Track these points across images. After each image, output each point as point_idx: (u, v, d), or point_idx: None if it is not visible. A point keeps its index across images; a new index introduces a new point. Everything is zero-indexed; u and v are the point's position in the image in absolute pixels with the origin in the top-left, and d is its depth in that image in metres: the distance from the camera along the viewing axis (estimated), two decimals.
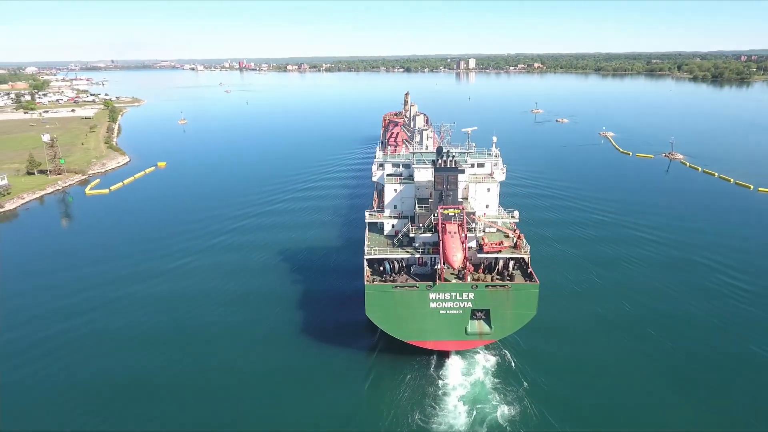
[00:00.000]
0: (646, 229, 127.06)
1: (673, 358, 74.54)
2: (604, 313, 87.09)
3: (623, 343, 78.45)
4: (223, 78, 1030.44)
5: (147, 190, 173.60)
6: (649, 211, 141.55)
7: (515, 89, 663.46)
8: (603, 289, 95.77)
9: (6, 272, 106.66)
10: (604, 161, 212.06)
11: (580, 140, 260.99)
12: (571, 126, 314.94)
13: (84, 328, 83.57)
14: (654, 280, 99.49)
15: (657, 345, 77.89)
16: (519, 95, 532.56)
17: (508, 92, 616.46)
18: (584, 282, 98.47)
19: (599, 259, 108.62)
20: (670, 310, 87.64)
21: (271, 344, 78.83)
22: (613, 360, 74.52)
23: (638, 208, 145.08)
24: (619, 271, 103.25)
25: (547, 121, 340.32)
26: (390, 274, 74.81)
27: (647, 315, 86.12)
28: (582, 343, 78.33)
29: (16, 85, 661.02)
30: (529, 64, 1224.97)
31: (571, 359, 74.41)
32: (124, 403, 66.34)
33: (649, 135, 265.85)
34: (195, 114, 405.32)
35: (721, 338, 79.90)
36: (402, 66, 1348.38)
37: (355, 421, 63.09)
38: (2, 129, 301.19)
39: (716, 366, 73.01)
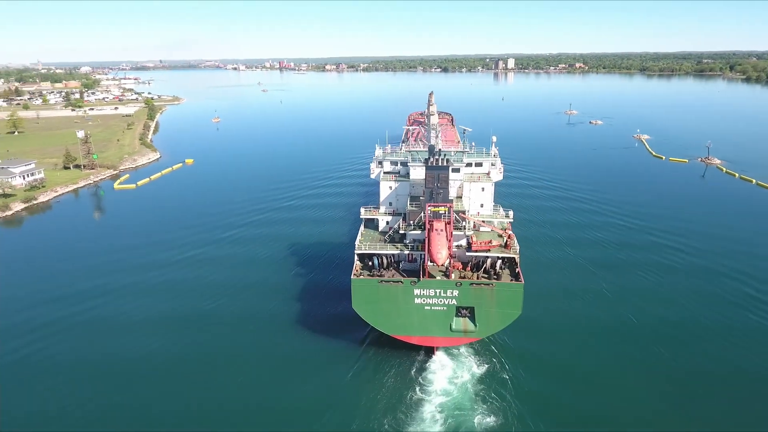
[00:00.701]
0: (665, 234, 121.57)
1: (671, 368, 71.79)
2: (605, 318, 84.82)
3: (620, 351, 75.97)
4: (262, 78, 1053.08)
5: (171, 186, 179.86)
6: (671, 216, 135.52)
7: (552, 90, 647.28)
8: (608, 294, 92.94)
9: (33, 258, 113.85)
10: (633, 165, 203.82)
11: (612, 143, 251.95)
12: (605, 128, 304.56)
13: (94, 311, 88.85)
14: (665, 286, 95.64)
15: (654, 353, 75.16)
16: (554, 96, 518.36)
17: (544, 93, 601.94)
18: (589, 286, 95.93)
19: (610, 264, 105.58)
20: (676, 319, 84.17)
21: (266, 332, 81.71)
22: (607, 368, 72.44)
23: (661, 213, 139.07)
24: (629, 277, 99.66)
25: (580, 122, 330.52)
26: (378, 269, 76.19)
27: (649, 323, 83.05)
28: (576, 349, 76.34)
29: (70, 83, 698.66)
30: (571, 64, 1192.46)
31: (562, 365, 72.69)
32: (121, 379, 70.55)
33: (687, 138, 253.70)
34: (229, 113, 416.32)
35: (721, 347, 76.44)
36: (439, 66, 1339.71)
37: (332, 408, 64.33)
38: (50, 125, 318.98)
39: (710, 374, 70.61)
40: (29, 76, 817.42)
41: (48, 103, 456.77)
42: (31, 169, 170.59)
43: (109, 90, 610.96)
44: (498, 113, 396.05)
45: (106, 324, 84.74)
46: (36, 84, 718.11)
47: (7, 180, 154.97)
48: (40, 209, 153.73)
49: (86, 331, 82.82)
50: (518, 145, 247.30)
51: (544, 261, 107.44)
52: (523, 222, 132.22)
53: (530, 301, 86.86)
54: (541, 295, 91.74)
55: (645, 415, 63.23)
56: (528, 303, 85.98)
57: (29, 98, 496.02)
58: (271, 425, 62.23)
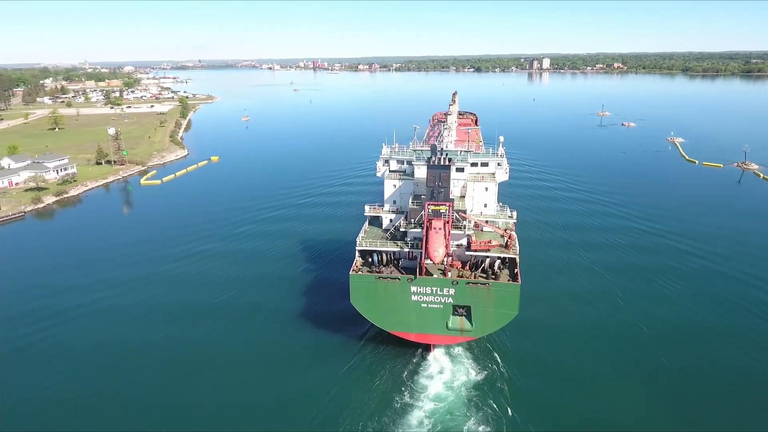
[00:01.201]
0: (688, 241, 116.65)
1: (677, 376, 69.53)
2: (614, 325, 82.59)
3: (628, 358, 73.96)
4: (296, 77, 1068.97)
5: (195, 182, 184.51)
6: (698, 222, 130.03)
7: (586, 90, 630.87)
8: (620, 301, 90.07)
9: (59, 249, 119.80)
10: (663, 169, 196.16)
11: (643, 146, 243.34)
12: (638, 130, 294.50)
13: (108, 300, 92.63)
14: (682, 294, 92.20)
15: (662, 361, 72.80)
16: (588, 97, 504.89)
17: (577, 93, 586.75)
18: (600, 291, 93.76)
19: (625, 269, 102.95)
20: (689, 327, 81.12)
21: (270, 324, 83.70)
22: (613, 375, 70.45)
23: (687, 218, 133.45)
24: (644, 283, 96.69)
25: (612, 124, 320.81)
26: (378, 266, 77.12)
27: (660, 330, 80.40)
28: (582, 355, 74.59)
29: (112, 82, 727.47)
30: (608, 64, 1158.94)
31: (566, 372, 70.87)
32: (130, 364, 73.77)
33: (724, 142, 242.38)
34: (259, 111, 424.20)
35: (736, 357, 73.05)
36: (472, 66, 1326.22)
37: (323, 401, 65.03)
38: (89, 122, 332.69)
39: (714, 379, 68.51)
40: (75, 75, 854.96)
41: (89, 101, 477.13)
42: (65, 164, 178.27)
43: (148, 89, 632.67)
44: (528, 114, 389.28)
45: (119, 312, 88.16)
46: (81, 82, 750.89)
47: (40, 174, 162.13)
48: (70, 202, 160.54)
49: (99, 318, 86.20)
50: (544, 147, 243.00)
51: (556, 263, 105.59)
52: (539, 224, 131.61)
53: (537, 304, 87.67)
54: (549, 298, 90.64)
55: (648, 423, 61.34)
56: (535, 305, 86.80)
57: (73, 96, 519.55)
58: (261, 417, 63.09)
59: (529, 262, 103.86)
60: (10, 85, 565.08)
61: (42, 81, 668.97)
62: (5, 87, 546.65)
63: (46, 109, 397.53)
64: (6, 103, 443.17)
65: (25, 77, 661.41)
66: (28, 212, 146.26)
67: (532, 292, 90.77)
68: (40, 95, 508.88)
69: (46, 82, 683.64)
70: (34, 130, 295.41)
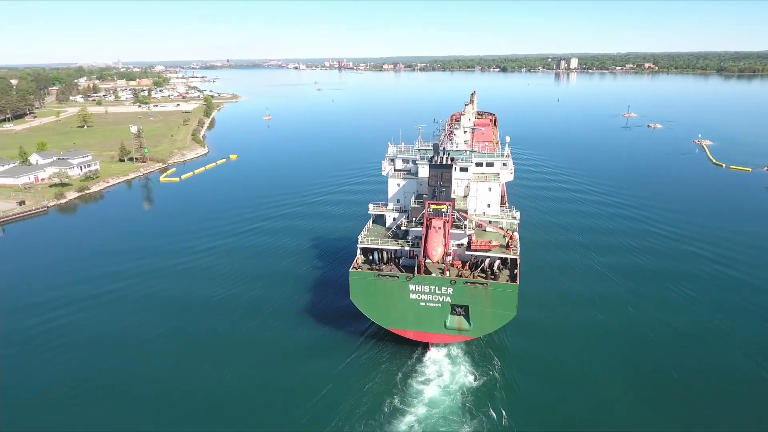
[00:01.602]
0: (705, 246, 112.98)
1: (676, 378, 67.61)
2: (619, 329, 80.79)
3: (626, 361, 72.59)
4: (321, 77, 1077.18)
5: (212, 180, 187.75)
6: (718, 227, 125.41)
7: (614, 91, 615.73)
8: (625, 302, 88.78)
9: (78, 243, 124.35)
10: (686, 172, 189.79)
11: (669, 148, 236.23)
12: (664, 132, 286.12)
13: (120, 292, 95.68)
14: (693, 300, 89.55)
15: (666, 368, 70.50)
16: (614, 97, 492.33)
17: (604, 94, 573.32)
18: (608, 294, 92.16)
19: (636, 272, 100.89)
20: (697, 334, 78.65)
21: (273, 317, 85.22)
22: (611, 378, 69.41)
23: (707, 223, 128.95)
24: (654, 288, 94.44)
25: (637, 126, 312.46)
26: (378, 264, 77.56)
27: (667, 336, 78.24)
28: (586, 360, 73.33)
29: (142, 81, 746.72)
30: (639, 64, 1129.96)
31: (568, 378, 69.44)
32: (139, 350, 76.93)
33: (755, 145, 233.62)
34: (282, 110, 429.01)
35: (740, 363, 70.21)
36: (498, 66, 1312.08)
37: (316, 397, 65.43)
38: (116, 120, 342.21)
39: (719, 387, 66.30)
40: (108, 75, 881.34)
41: (119, 100, 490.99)
42: (88, 161, 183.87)
43: (175, 88, 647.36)
44: (551, 114, 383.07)
45: (130, 303, 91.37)
46: (113, 82, 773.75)
47: (64, 170, 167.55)
48: (91, 198, 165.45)
49: (110, 308, 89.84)
50: (564, 148, 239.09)
51: (565, 265, 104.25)
52: (551, 225, 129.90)
53: (542, 306, 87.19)
54: (554, 300, 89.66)
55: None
56: (539, 307, 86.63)
57: (104, 95, 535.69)
58: (249, 409, 64.01)
59: (538, 264, 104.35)
60: (47, 84, 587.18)
61: (76, 80, 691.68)
62: (41, 86, 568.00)
63: (77, 107, 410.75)
64: (41, 101, 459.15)
65: (60, 76, 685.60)
66: (51, 207, 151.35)
67: (538, 294, 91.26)
68: (73, 94, 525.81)
69: (80, 81, 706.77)
70: (65, 128, 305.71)
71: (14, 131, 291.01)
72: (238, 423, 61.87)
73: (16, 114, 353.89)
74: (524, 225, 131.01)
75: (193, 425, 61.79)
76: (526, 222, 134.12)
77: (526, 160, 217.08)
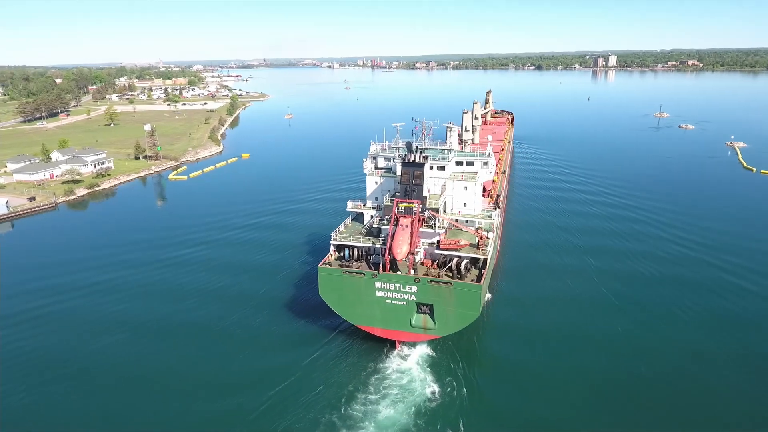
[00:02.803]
0: (718, 254, 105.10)
1: (655, 391, 61.84)
2: (597, 333, 78.35)
3: (600, 368, 69.97)
4: (354, 75, 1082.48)
5: (220, 178, 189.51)
6: (735, 234, 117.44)
7: (650, 89, 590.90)
8: (614, 308, 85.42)
9: (79, 235, 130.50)
10: (713, 176, 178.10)
11: (698, 150, 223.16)
12: (695, 133, 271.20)
13: (111, 282, 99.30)
14: (690, 310, 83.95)
15: (652, 382, 66.05)
16: (649, 96, 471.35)
17: (639, 92, 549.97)
18: (595, 298, 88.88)
19: (628, 277, 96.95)
20: (694, 348, 73.12)
21: (256, 308, 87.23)
22: (581, 384, 66.78)
23: (722, 228, 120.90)
24: (646, 292, 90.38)
25: (668, 126, 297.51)
26: (348, 260, 78.30)
27: (656, 345, 74.01)
28: (554, 363, 71.39)
29: (178, 80, 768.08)
30: (682, 61, 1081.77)
31: (533, 378, 68.02)
32: (122, 336, 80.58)
33: None
34: (304, 109, 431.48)
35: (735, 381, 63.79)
36: (533, 64, 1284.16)
37: (279, 385, 66.49)
38: (143, 118, 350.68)
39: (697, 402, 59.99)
40: (147, 74, 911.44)
41: (151, 98, 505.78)
42: (102, 159, 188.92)
43: (207, 87, 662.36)
44: (578, 114, 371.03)
45: (118, 292, 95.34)
46: (151, 81, 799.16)
47: (75, 168, 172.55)
48: (101, 195, 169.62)
49: (102, 297, 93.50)
50: (584, 148, 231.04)
51: (556, 269, 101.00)
52: (551, 226, 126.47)
53: (522, 308, 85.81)
54: (537, 303, 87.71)
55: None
56: (520, 309, 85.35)
57: (139, 93, 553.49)
58: (209, 394, 65.82)
59: (530, 266, 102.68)
60: (87, 83, 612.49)
61: (116, 79, 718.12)
62: (81, 85, 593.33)
63: (117, 105, 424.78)
64: (77, 100, 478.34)
65: (101, 75, 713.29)
66: (60, 203, 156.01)
67: (521, 296, 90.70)
68: (109, 93, 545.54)
69: (120, 80, 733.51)
70: (93, 126, 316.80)
71: (45, 129, 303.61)
72: (197, 404, 64.06)
73: (52, 112, 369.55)
74: (524, 226, 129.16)
75: (160, 402, 65.05)
76: (527, 223, 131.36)
77: (541, 159, 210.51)
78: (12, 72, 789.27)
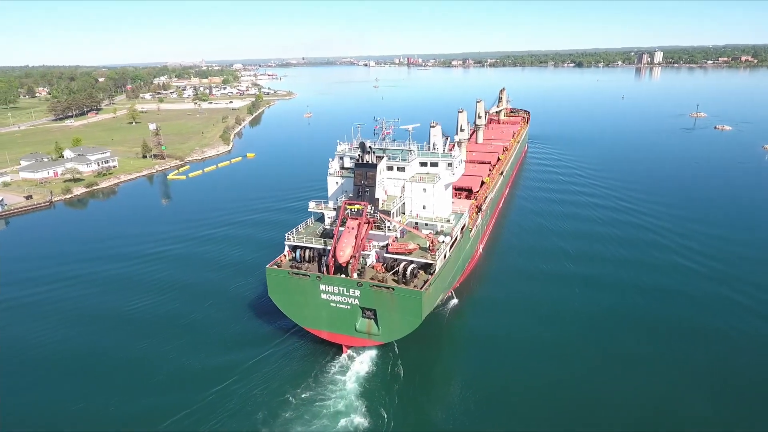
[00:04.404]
0: (715, 263, 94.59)
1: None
2: (561, 346, 74.52)
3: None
4: (390, 74, 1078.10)
5: (219, 179, 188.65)
6: (746, 244, 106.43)
7: (692, 87, 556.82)
8: (592, 321, 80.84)
9: (64, 233, 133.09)
10: (739, 184, 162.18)
11: (729, 154, 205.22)
12: (731, 135, 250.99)
13: (96, 275, 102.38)
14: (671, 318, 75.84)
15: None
16: (691, 95, 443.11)
17: (682, 90, 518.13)
18: (571, 307, 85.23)
19: (608, 284, 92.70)
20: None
21: (217, 306, 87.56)
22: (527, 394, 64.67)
23: (732, 237, 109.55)
24: (625, 302, 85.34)
25: (702, 128, 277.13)
26: (300, 262, 77.16)
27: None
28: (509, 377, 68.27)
29: (213, 79, 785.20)
30: (735, 57, 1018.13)
31: (474, 391, 65.19)
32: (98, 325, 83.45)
33: None
34: (326, 108, 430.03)
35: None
36: (573, 61, 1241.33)
37: (219, 384, 66.40)
38: (166, 116, 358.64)
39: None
40: (186, 73, 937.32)
41: (182, 97, 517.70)
42: (106, 157, 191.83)
43: (239, 85, 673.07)
44: (609, 113, 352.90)
45: (98, 284, 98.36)
46: (188, 80, 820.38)
47: (75, 167, 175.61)
48: (98, 194, 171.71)
49: (82, 289, 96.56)
50: (604, 150, 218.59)
51: (536, 274, 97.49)
52: (545, 231, 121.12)
53: (478, 317, 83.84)
54: (505, 309, 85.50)
55: None
56: (484, 316, 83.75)
57: (171, 92, 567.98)
58: (156, 387, 66.83)
59: (509, 271, 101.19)
60: (124, 82, 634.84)
61: (155, 78, 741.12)
62: (118, 84, 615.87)
63: (140, 103, 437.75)
64: (111, 99, 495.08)
65: (141, 74, 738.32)
66: (57, 201, 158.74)
67: (488, 302, 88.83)
68: (143, 91, 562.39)
69: (160, 79, 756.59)
70: (116, 124, 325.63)
71: (71, 127, 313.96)
72: (131, 397, 64.99)
73: (83, 111, 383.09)
74: (517, 230, 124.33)
75: (96, 392, 66.40)
76: (520, 227, 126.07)
77: (554, 160, 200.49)
78: (61, 72, 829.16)
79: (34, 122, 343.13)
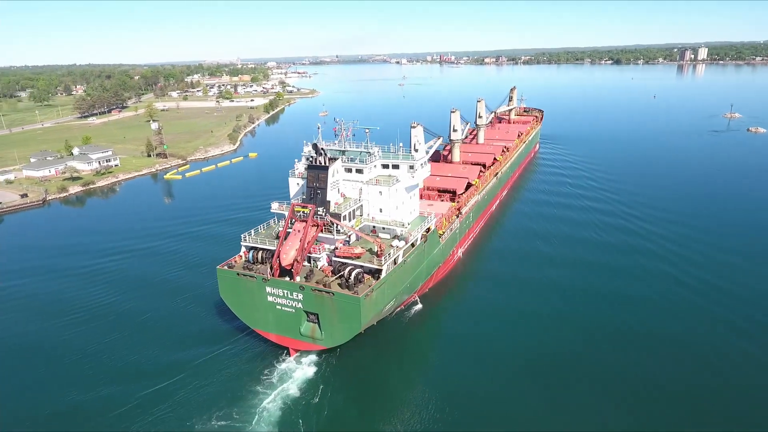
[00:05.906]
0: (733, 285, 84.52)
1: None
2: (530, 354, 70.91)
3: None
4: (422, 71, 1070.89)
5: (216, 178, 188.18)
6: (754, 254, 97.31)
7: (736, 86, 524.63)
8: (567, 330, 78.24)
9: (49, 230, 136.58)
10: (754, 195, 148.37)
11: (757, 160, 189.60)
12: (763, 138, 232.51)
13: (78, 270, 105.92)
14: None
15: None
16: (729, 93, 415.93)
17: (721, 88, 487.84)
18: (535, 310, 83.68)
19: (590, 291, 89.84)
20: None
21: (179, 303, 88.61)
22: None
23: (737, 247, 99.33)
24: (573, 299, 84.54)
25: (735, 129, 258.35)
26: (252, 263, 76.78)
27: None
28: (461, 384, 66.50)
29: (243, 77, 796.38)
30: None
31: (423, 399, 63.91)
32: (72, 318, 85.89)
33: None
34: (342, 106, 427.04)
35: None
36: (611, 57, 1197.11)
37: (164, 382, 67.32)
38: (184, 114, 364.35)
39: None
40: (219, 71, 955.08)
41: (207, 95, 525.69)
42: (107, 156, 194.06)
43: (266, 83, 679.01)
44: (635, 112, 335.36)
45: (69, 279, 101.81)
46: (219, 78, 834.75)
47: (72, 165, 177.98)
48: (95, 192, 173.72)
49: (54, 284, 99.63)
50: (620, 152, 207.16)
51: (523, 283, 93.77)
52: (532, 236, 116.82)
53: (454, 322, 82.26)
54: (473, 316, 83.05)
55: None
56: (450, 322, 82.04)
57: (198, 90, 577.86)
58: (97, 383, 67.86)
59: (482, 277, 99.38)
60: (156, 80, 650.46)
61: (187, 76, 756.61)
62: (150, 82, 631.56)
63: (170, 101, 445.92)
64: (138, 97, 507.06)
65: (174, 72, 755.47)
66: (52, 200, 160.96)
67: (460, 307, 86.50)
68: (171, 89, 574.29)
69: (195, 76, 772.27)
70: (134, 122, 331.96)
71: (91, 125, 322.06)
72: (73, 389, 66.79)
73: (108, 109, 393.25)
74: (506, 236, 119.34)
75: (45, 382, 68.64)
76: (510, 233, 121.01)
77: (565, 162, 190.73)
78: (101, 70, 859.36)
79: (59, 120, 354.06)
